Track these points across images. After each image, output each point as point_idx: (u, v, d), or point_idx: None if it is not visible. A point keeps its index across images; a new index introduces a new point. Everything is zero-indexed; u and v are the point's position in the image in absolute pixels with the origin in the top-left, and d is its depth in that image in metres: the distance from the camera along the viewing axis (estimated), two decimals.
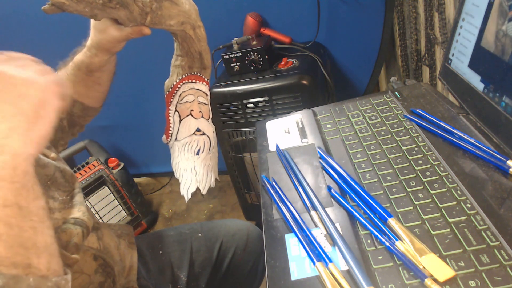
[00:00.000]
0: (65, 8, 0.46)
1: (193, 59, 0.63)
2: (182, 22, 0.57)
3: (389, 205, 0.44)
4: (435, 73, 0.92)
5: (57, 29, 1.29)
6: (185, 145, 0.62)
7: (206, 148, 0.62)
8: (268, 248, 0.43)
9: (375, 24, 1.16)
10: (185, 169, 0.60)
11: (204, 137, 0.62)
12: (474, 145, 0.48)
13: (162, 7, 0.53)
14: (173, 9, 0.55)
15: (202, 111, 0.63)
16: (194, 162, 0.60)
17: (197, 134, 0.61)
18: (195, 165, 0.60)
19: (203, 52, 0.62)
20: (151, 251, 0.71)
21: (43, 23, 1.29)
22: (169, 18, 0.55)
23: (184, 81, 0.63)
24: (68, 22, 1.20)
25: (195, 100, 0.63)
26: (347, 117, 0.63)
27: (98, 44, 0.57)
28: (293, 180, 0.52)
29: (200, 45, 0.61)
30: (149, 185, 1.89)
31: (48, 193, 0.49)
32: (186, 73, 0.63)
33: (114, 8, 0.48)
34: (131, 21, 0.51)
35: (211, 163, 0.63)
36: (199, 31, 0.60)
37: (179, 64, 0.63)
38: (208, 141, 0.62)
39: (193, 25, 0.59)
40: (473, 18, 0.52)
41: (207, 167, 0.61)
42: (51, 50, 1.34)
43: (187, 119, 0.62)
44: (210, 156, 0.62)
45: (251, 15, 1.16)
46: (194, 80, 0.63)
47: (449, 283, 0.34)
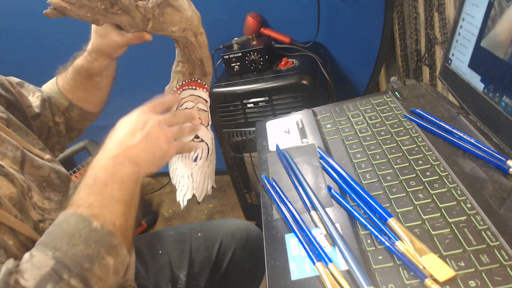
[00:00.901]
0: (67, 12, 0.46)
1: (194, 66, 0.63)
2: (184, 28, 0.56)
3: (389, 205, 0.44)
4: (435, 73, 0.92)
5: (58, 33, 1.29)
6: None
7: (204, 155, 0.61)
8: (268, 248, 0.43)
9: (375, 24, 1.16)
10: (182, 175, 0.60)
11: (202, 144, 0.61)
12: (474, 145, 0.48)
13: (165, 13, 0.53)
14: (176, 16, 0.54)
15: (201, 118, 0.63)
16: (191, 169, 0.60)
17: (195, 140, 0.61)
18: (192, 172, 0.60)
19: (204, 59, 0.62)
20: (150, 251, 0.71)
21: (44, 26, 1.29)
22: (171, 25, 0.54)
23: (184, 87, 0.63)
24: (69, 26, 1.20)
25: (195, 107, 0.62)
26: (347, 117, 0.63)
27: (99, 48, 0.57)
28: (293, 180, 0.52)
29: (202, 52, 0.61)
30: (149, 185, 1.89)
31: (44, 194, 0.49)
32: (187, 80, 0.63)
33: (116, 14, 0.48)
34: (133, 27, 0.51)
35: (208, 171, 0.62)
36: (201, 38, 0.60)
37: (180, 70, 0.63)
38: (206, 148, 0.61)
39: (195, 32, 0.59)
40: (473, 18, 0.52)
41: (204, 174, 0.61)
42: (52, 54, 1.35)
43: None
44: (207, 163, 0.62)
45: (251, 15, 1.16)
46: (194, 86, 0.63)
47: (449, 283, 0.34)
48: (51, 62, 0.64)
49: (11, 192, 0.43)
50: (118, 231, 0.40)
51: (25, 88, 0.61)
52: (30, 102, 0.59)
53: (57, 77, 0.64)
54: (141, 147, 0.47)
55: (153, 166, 0.48)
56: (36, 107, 0.60)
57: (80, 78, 0.61)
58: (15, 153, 0.47)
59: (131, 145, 0.46)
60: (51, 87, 0.64)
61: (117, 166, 0.44)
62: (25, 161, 0.48)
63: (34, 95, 0.61)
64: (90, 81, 0.62)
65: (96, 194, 0.41)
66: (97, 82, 0.62)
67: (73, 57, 0.62)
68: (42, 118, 0.60)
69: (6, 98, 0.54)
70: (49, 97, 0.63)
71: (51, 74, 0.65)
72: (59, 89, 0.64)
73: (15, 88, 0.57)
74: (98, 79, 0.62)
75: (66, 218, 0.38)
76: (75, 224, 0.37)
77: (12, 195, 0.42)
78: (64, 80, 0.63)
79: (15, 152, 0.47)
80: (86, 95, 0.64)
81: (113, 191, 0.41)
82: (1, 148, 0.46)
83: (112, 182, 0.42)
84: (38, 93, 0.61)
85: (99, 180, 0.42)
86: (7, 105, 0.54)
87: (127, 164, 0.44)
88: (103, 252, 0.37)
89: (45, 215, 0.47)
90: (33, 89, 0.62)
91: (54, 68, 0.65)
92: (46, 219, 0.46)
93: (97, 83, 0.63)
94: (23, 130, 0.53)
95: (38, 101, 0.60)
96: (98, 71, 0.60)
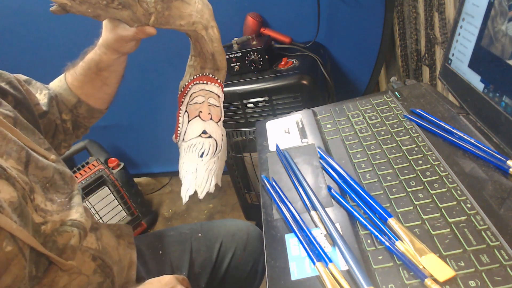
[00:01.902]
0: (68, 9, 0.46)
1: (205, 60, 0.62)
2: (193, 22, 0.56)
3: (389, 205, 0.44)
4: (435, 73, 0.92)
5: (62, 31, 1.29)
6: (191, 147, 0.61)
7: (211, 152, 0.60)
8: (268, 248, 0.43)
9: (375, 24, 1.16)
10: (187, 170, 0.59)
11: (210, 140, 0.61)
12: (474, 145, 0.48)
13: (172, 7, 0.52)
14: (185, 9, 0.54)
15: (212, 113, 0.62)
16: (196, 164, 0.59)
17: (203, 136, 0.60)
18: (197, 168, 0.59)
19: (216, 53, 0.61)
20: (151, 251, 0.71)
21: (47, 25, 1.29)
22: (179, 18, 0.54)
23: (195, 82, 0.62)
24: (73, 24, 1.21)
25: (205, 102, 0.62)
26: (347, 117, 0.63)
27: (107, 42, 0.57)
28: (293, 180, 0.52)
29: (213, 46, 0.60)
30: (149, 185, 1.89)
31: (47, 195, 0.49)
32: (198, 74, 0.62)
33: (117, 8, 0.48)
34: (135, 22, 0.51)
35: (214, 168, 0.61)
36: (212, 32, 0.59)
37: (192, 64, 0.62)
38: (214, 144, 0.61)
39: (206, 25, 0.58)
40: (473, 18, 0.52)
41: (209, 171, 0.60)
42: (55, 52, 1.35)
43: (194, 120, 0.62)
44: (214, 160, 0.61)
45: (251, 15, 1.16)
46: (205, 81, 0.62)
47: (449, 283, 0.34)
48: (54, 60, 0.64)
49: (12, 197, 0.42)
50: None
51: (33, 85, 0.61)
52: (37, 100, 0.59)
53: (66, 74, 0.64)
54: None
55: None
56: (43, 105, 0.60)
57: (90, 72, 0.61)
58: (20, 153, 0.47)
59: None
60: (59, 84, 0.64)
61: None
62: (29, 161, 0.48)
63: (41, 92, 0.61)
64: (98, 76, 0.62)
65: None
66: (105, 77, 0.62)
67: (84, 52, 0.62)
68: (49, 116, 0.60)
69: (14, 96, 0.54)
70: (56, 94, 0.63)
71: (54, 72, 0.65)
72: (67, 85, 0.63)
73: (23, 86, 0.57)
74: (107, 74, 0.62)
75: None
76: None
77: (13, 199, 0.42)
78: (73, 76, 0.63)
79: (20, 153, 0.47)
80: (94, 90, 0.64)
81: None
82: (7, 148, 0.46)
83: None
84: (45, 91, 0.61)
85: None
86: (15, 103, 0.54)
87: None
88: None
89: (47, 217, 0.47)
90: (40, 87, 0.62)
91: (57, 66, 0.65)
92: (48, 221, 0.46)
93: (105, 79, 0.63)
94: (30, 129, 0.53)
95: (45, 98, 0.60)
96: (107, 65, 0.60)
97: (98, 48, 0.59)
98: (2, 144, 0.46)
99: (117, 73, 0.63)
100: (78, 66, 0.62)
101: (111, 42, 0.57)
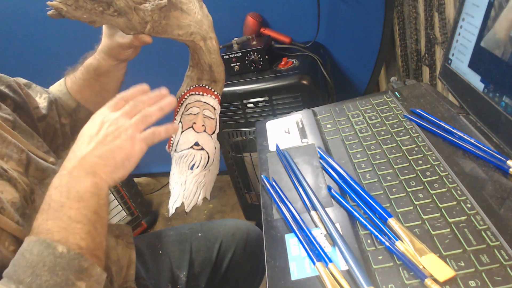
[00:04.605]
0: (64, 13, 0.46)
1: (203, 71, 0.61)
2: (191, 32, 0.55)
3: (389, 205, 0.44)
4: (435, 73, 0.92)
5: (61, 35, 1.29)
6: (182, 158, 0.59)
7: (201, 164, 0.59)
8: (268, 248, 0.43)
9: (375, 24, 1.16)
10: (177, 182, 0.58)
11: (202, 152, 0.59)
12: (474, 145, 0.48)
13: (170, 16, 0.52)
14: (184, 19, 0.53)
15: (206, 125, 0.61)
16: (186, 176, 0.58)
17: (195, 148, 0.59)
18: (186, 180, 0.58)
19: (214, 65, 0.61)
20: (150, 251, 0.71)
21: (46, 29, 1.29)
22: (177, 28, 0.54)
23: (191, 92, 0.61)
24: (72, 28, 1.20)
25: (200, 113, 0.61)
26: (347, 117, 0.63)
27: (106, 48, 0.58)
28: (293, 180, 0.52)
29: (211, 57, 0.60)
30: (149, 185, 1.89)
31: None
32: (194, 85, 0.62)
33: (112, 15, 0.49)
34: (131, 29, 0.51)
35: (204, 181, 0.60)
36: (210, 43, 0.59)
37: (189, 75, 0.62)
38: (206, 157, 0.59)
39: (204, 36, 0.57)
40: (473, 18, 0.52)
41: (198, 183, 0.58)
42: (54, 56, 1.35)
43: (188, 131, 0.60)
44: (204, 173, 0.60)
45: (251, 15, 1.16)
46: (201, 92, 0.62)
47: (449, 283, 0.34)
48: (53, 65, 0.64)
49: (14, 197, 0.42)
50: (86, 252, 0.37)
51: (33, 89, 0.61)
52: (37, 104, 0.59)
53: (66, 78, 0.64)
54: (96, 154, 0.42)
55: (117, 171, 0.43)
56: (43, 108, 0.60)
57: (89, 77, 0.61)
58: (20, 155, 0.47)
59: (85, 154, 0.42)
60: (59, 88, 0.64)
61: (72, 183, 0.40)
62: (30, 164, 0.48)
63: (41, 96, 0.61)
64: (97, 81, 0.62)
65: (53, 218, 0.37)
66: (104, 83, 0.62)
67: (84, 57, 0.62)
68: (48, 119, 0.60)
69: (13, 100, 0.54)
70: (56, 98, 0.63)
71: (54, 75, 0.65)
72: (67, 90, 0.64)
73: (23, 90, 0.57)
74: (106, 80, 0.62)
75: (29, 245, 0.36)
76: (39, 253, 0.35)
77: (15, 200, 0.42)
78: (73, 81, 0.63)
79: (20, 155, 0.47)
80: (93, 95, 0.64)
81: (71, 211, 0.38)
82: (7, 150, 0.46)
83: (68, 202, 0.38)
84: (45, 95, 0.61)
85: (54, 203, 0.38)
86: (14, 107, 0.54)
87: (83, 178, 0.40)
88: (72, 278, 0.35)
89: None
90: (40, 90, 0.62)
91: (57, 70, 0.65)
92: None
93: (104, 84, 0.63)
94: (29, 133, 0.53)
95: (45, 102, 0.60)
96: (105, 71, 0.60)
97: (97, 53, 0.59)
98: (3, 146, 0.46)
99: (116, 79, 0.63)
100: (78, 70, 0.62)
101: (110, 48, 0.57)
